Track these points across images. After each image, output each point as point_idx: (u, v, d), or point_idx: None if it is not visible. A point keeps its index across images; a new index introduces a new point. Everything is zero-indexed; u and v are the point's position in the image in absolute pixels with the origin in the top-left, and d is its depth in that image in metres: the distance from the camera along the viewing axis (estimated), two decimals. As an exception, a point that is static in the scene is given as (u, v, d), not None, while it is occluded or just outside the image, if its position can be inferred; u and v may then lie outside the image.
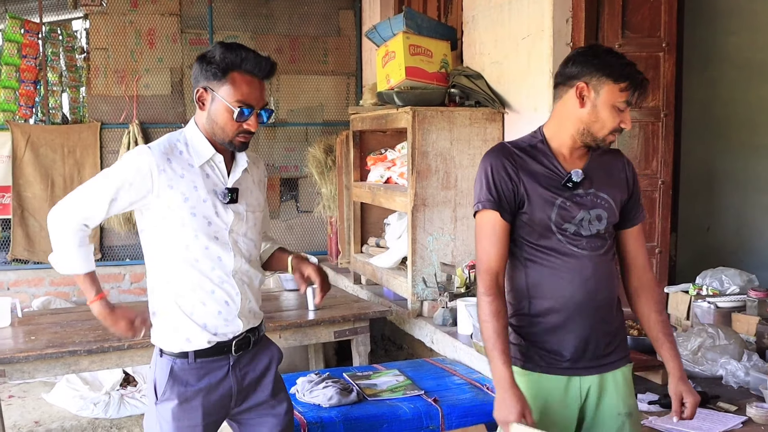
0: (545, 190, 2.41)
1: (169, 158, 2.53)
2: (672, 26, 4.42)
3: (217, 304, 2.60)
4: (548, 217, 2.40)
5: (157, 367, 2.66)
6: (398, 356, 5.96)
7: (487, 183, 2.40)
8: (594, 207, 2.44)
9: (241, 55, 2.48)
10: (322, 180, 7.09)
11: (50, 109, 7.00)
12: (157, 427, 2.64)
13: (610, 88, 2.34)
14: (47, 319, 4.73)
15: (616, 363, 2.49)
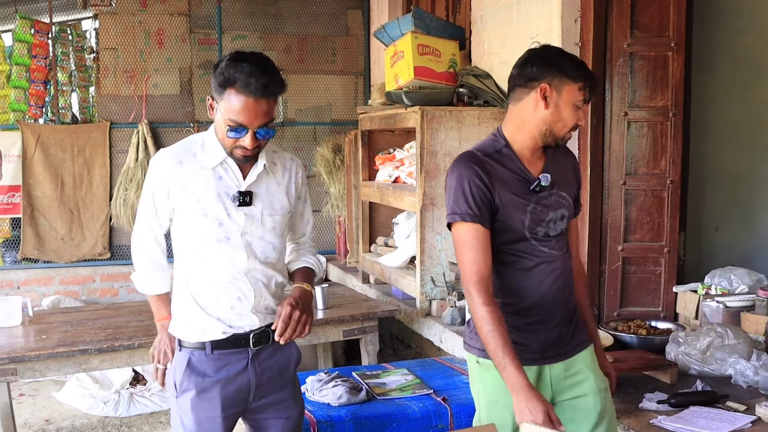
0: (516, 197, 2.46)
1: (180, 161, 2.60)
2: (681, 26, 4.41)
3: (229, 299, 2.64)
4: (521, 222, 2.46)
5: (176, 360, 2.73)
6: (406, 355, 5.98)
7: (464, 195, 2.41)
8: (558, 207, 2.53)
9: (239, 70, 2.42)
10: (331, 179, 7.11)
11: (60, 108, 7.03)
12: (178, 420, 2.69)
13: (570, 87, 2.41)
14: (58, 318, 4.76)
15: (580, 346, 2.60)
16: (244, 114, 2.45)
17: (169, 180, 2.60)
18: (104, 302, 6.90)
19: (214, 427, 2.67)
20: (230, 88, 2.44)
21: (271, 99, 2.48)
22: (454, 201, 2.43)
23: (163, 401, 5.39)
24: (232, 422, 2.74)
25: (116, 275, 7.13)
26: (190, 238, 2.64)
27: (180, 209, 2.62)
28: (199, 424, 2.66)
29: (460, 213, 2.41)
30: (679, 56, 4.42)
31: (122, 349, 4.15)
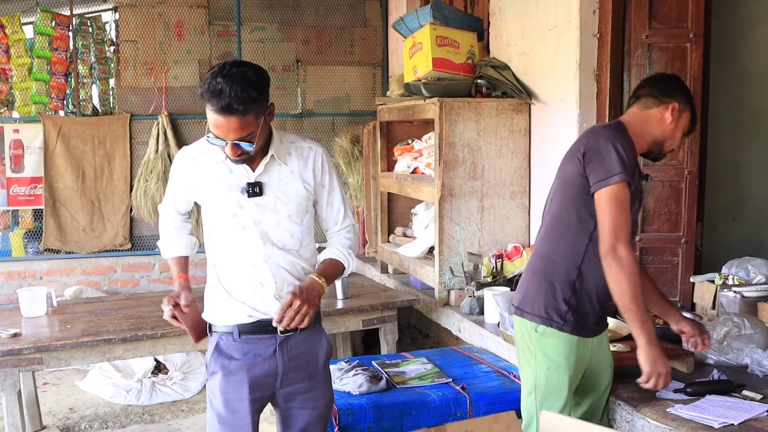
0: (638, 182, 2.79)
1: (195, 157, 2.78)
2: (699, 17, 4.42)
3: (252, 284, 2.75)
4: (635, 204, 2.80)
5: (208, 345, 2.87)
6: (424, 345, 6.02)
7: (621, 157, 2.66)
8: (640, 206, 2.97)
9: (210, 88, 2.49)
10: (349, 170, 7.15)
11: (81, 101, 7.10)
12: (209, 402, 2.82)
13: (688, 115, 2.88)
14: (81, 308, 4.83)
15: (605, 326, 3.05)
16: (218, 129, 2.56)
17: (187, 175, 2.81)
18: (125, 292, 6.98)
19: (242, 409, 2.75)
20: (206, 102, 2.54)
21: (241, 116, 2.52)
22: (612, 163, 2.67)
23: (185, 390, 5.47)
24: (260, 406, 2.82)
25: (137, 266, 7.21)
26: (212, 227, 2.79)
27: (200, 202, 2.82)
28: (227, 405, 2.75)
29: (619, 173, 2.65)
30: (698, 48, 4.42)
31: (145, 338, 4.21)
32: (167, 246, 3.04)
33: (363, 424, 3.56)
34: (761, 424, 2.87)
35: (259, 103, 2.55)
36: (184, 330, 2.86)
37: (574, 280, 2.83)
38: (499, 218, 5.03)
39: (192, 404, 5.35)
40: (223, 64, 2.55)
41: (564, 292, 2.84)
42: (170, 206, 2.99)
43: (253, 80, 2.54)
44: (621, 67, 4.45)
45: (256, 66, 2.61)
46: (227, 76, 2.49)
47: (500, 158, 4.98)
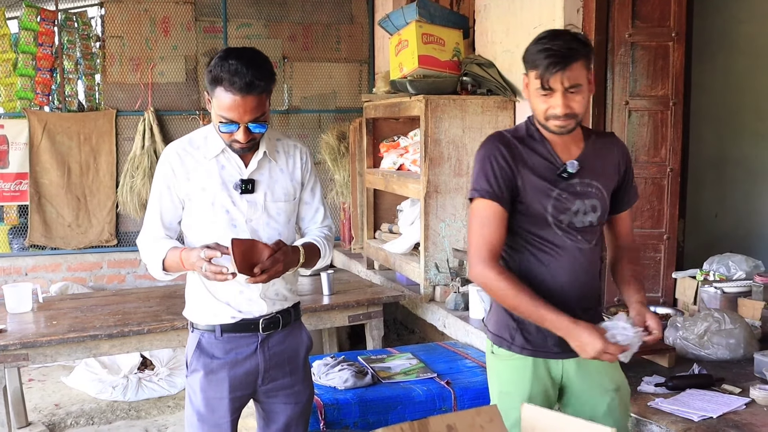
0: (541, 181, 2.45)
1: (184, 153, 2.72)
2: (681, 16, 4.47)
3: (238, 284, 2.71)
4: (544, 208, 2.46)
5: (188, 341, 2.84)
6: (410, 340, 6.06)
7: (485, 173, 2.43)
8: (588, 197, 2.49)
9: (225, 68, 2.50)
10: (335, 166, 7.17)
11: (66, 96, 7.08)
12: (188, 399, 2.81)
13: (531, 75, 2.40)
14: (67, 304, 4.84)
15: None
16: (233, 111, 2.54)
17: (176, 171, 2.70)
18: (111, 288, 6.98)
19: (221, 407, 2.76)
20: (219, 85, 2.53)
21: (259, 94, 2.55)
22: (476, 178, 2.46)
23: (171, 386, 5.49)
24: (240, 404, 2.83)
25: (123, 262, 7.21)
26: (198, 226, 2.73)
27: (188, 199, 2.72)
28: (207, 403, 2.76)
29: (479, 189, 2.44)
30: (680, 46, 4.47)
31: (131, 334, 4.22)
32: (154, 252, 2.72)
33: (348, 418, 3.59)
34: (739, 417, 2.93)
35: (272, 82, 2.60)
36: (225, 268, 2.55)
37: None
38: (484, 215, 5.05)
39: (178, 400, 5.36)
40: (227, 50, 2.59)
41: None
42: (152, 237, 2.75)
43: (264, 59, 2.60)
44: (604, 66, 4.49)
45: (257, 49, 2.64)
46: (240, 57, 2.52)
47: (485, 155, 5.01)
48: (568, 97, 2.36)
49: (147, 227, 2.77)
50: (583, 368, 2.56)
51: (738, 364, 3.55)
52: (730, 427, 2.85)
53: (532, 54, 2.37)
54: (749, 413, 2.97)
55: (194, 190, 2.70)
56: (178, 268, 2.69)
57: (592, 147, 2.54)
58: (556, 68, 2.32)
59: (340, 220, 7.25)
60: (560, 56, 2.32)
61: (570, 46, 2.35)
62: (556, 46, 2.33)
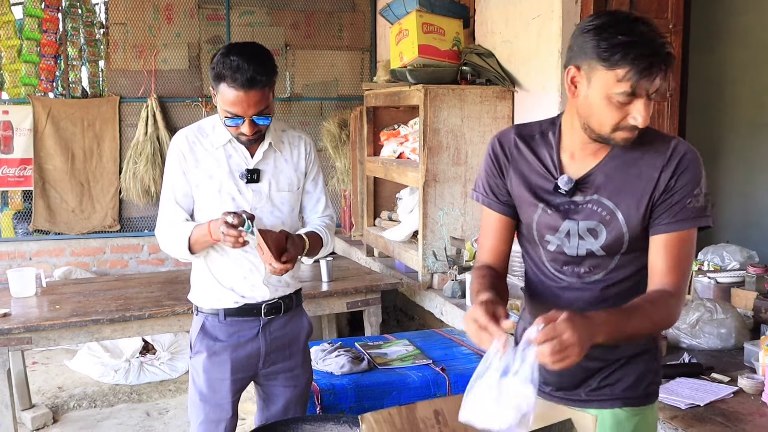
0: (527, 191, 2.06)
1: (193, 141, 2.78)
2: (679, 7, 4.51)
3: (242, 270, 2.81)
4: (530, 222, 2.08)
5: (193, 324, 2.93)
6: (410, 326, 6.12)
7: (481, 173, 2.16)
8: (588, 218, 1.99)
9: (227, 65, 2.56)
10: (336, 154, 7.22)
11: (70, 83, 7.12)
12: (191, 379, 2.91)
13: (601, 74, 1.81)
14: (70, 288, 4.89)
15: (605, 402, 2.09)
16: (237, 105, 2.61)
17: (186, 157, 2.77)
18: (114, 273, 7.05)
19: (223, 388, 2.85)
20: (222, 81, 2.60)
21: (261, 89, 2.61)
22: (477, 178, 2.19)
23: (172, 370, 5.56)
24: (241, 386, 2.92)
25: (126, 247, 7.27)
26: (204, 212, 2.80)
27: (195, 185, 2.78)
28: (209, 384, 2.85)
29: (475, 191, 2.18)
30: (677, 38, 4.51)
31: (133, 319, 4.28)
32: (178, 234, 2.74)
33: (344, 403, 3.66)
34: (726, 405, 2.98)
35: (274, 75, 2.66)
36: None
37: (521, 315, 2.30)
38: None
39: (179, 384, 5.43)
40: (229, 46, 2.66)
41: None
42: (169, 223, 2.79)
43: (265, 54, 2.66)
44: (602, 57, 4.52)
45: (258, 44, 2.71)
46: (241, 53, 2.59)
47: (483, 144, 5.06)
48: (649, 105, 1.84)
49: (165, 214, 2.81)
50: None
51: (729, 354, 3.59)
52: (717, 415, 2.90)
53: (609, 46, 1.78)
54: (736, 402, 3.02)
55: (202, 178, 2.77)
56: (205, 243, 2.72)
57: (616, 157, 1.98)
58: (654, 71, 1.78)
59: (341, 207, 7.31)
60: (660, 56, 1.78)
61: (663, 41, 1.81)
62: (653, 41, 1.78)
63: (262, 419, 3.03)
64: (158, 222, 2.85)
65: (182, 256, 2.79)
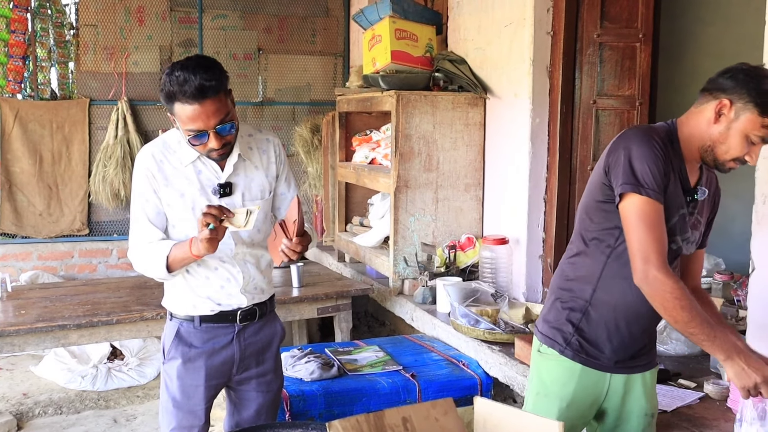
0: (682, 193, 2.33)
1: (160, 159, 2.72)
2: (649, 17, 4.54)
3: (219, 279, 2.79)
4: (672, 222, 2.31)
5: (166, 329, 2.90)
6: (381, 332, 6.12)
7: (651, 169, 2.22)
8: (696, 228, 2.39)
9: (174, 82, 2.49)
10: (308, 159, 7.20)
11: (39, 84, 7.04)
12: (164, 385, 2.88)
13: (751, 117, 2.20)
14: (36, 293, 4.84)
15: (646, 366, 2.50)
16: (197, 120, 2.53)
17: (156, 175, 2.70)
18: (82, 278, 6.97)
19: (197, 395, 2.83)
20: (174, 101, 2.52)
21: (215, 96, 2.53)
22: (640, 173, 2.22)
23: (140, 376, 5.51)
24: (215, 392, 2.91)
25: (95, 251, 7.20)
26: (179, 229, 2.76)
27: (167, 204, 2.73)
28: (183, 390, 2.82)
29: (646, 188, 2.22)
30: (647, 47, 4.55)
31: (101, 324, 4.24)
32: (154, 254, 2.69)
33: (314, 410, 3.65)
34: (692, 411, 3.01)
35: (225, 80, 2.58)
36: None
37: (587, 302, 2.44)
38: (454, 210, 5.13)
39: (148, 390, 5.38)
40: (172, 65, 2.56)
41: (574, 314, 2.46)
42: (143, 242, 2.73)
43: (210, 62, 2.59)
44: (573, 65, 4.56)
45: (202, 55, 2.66)
46: (184, 67, 2.52)
47: (455, 151, 5.08)
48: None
49: (138, 235, 2.75)
50: (629, 387, 2.48)
51: (695, 359, 3.64)
52: (683, 420, 2.93)
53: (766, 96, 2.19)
54: (702, 407, 3.06)
55: (173, 196, 2.72)
56: (184, 260, 2.67)
57: (706, 177, 2.42)
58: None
59: (312, 212, 7.29)
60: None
61: None
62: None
63: (232, 424, 3.01)
64: (131, 243, 2.78)
65: (159, 275, 2.72)
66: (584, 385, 2.45)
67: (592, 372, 2.44)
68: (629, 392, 2.48)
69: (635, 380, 2.47)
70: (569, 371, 2.45)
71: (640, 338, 2.44)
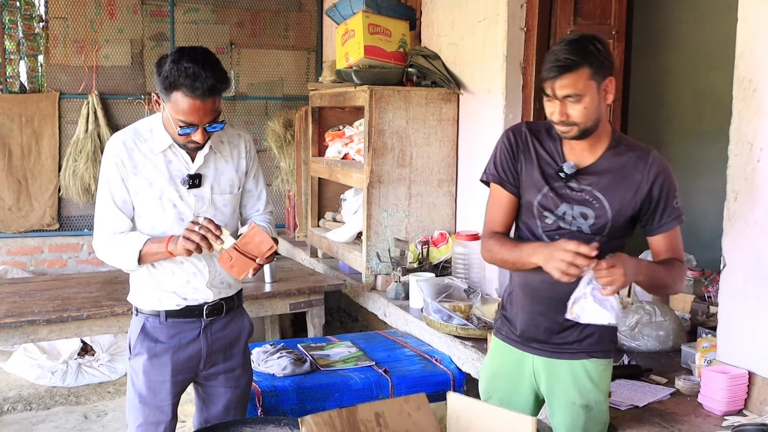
0: (538, 176, 2.50)
1: (131, 147, 2.70)
2: (622, 14, 4.56)
3: (185, 274, 2.77)
4: (532, 201, 2.52)
5: (132, 324, 2.87)
6: (354, 328, 6.11)
7: (492, 158, 2.59)
8: (581, 204, 2.45)
9: (184, 73, 2.48)
10: (281, 154, 7.18)
11: (8, 77, 6.95)
12: (130, 381, 2.86)
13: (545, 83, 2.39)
14: (5, 288, 4.78)
15: (574, 354, 2.54)
16: (193, 114, 2.54)
17: (125, 163, 2.68)
18: (52, 273, 6.90)
19: (163, 390, 2.81)
20: (176, 91, 2.51)
21: (219, 95, 2.57)
22: (487, 162, 2.61)
23: (111, 372, 5.46)
24: (181, 388, 2.89)
25: (65, 246, 7.12)
26: (145, 219, 2.74)
27: (134, 193, 2.70)
28: (149, 386, 2.80)
29: (484, 173, 2.61)
30: (620, 44, 4.57)
31: (71, 320, 4.19)
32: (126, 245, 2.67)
33: (286, 405, 3.63)
34: (663, 406, 3.03)
35: (229, 82, 2.60)
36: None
37: (511, 284, 2.68)
38: (427, 205, 5.12)
39: (119, 386, 5.34)
40: (179, 52, 2.54)
41: (504, 296, 2.73)
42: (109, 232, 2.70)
43: (217, 60, 2.59)
44: (546, 61, 4.56)
45: (206, 48, 2.63)
46: (195, 60, 2.50)
47: (428, 146, 5.07)
48: (565, 105, 2.35)
49: (105, 222, 2.71)
50: (553, 373, 2.57)
51: (666, 356, 3.66)
52: (654, 416, 2.95)
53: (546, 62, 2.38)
54: (673, 403, 3.08)
55: (141, 185, 2.70)
56: (157, 256, 2.66)
57: (611, 158, 2.47)
58: (550, 76, 2.34)
59: (285, 207, 7.27)
60: (557, 64, 2.32)
61: (570, 55, 2.32)
62: (560, 54, 2.33)
63: (201, 420, 3.00)
64: (97, 230, 2.74)
65: (127, 266, 2.71)
66: (505, 361, 2.66)
67: (511, 349, 2.64)
68: (554, 378, 2.57)
69: (559, 367, 2.56)
70: (494, 347, 2.72)
71: (545, 321, 2.55)
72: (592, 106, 2.36)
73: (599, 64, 2.36)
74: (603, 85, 2.39)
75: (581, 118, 2.35)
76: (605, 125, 2.47)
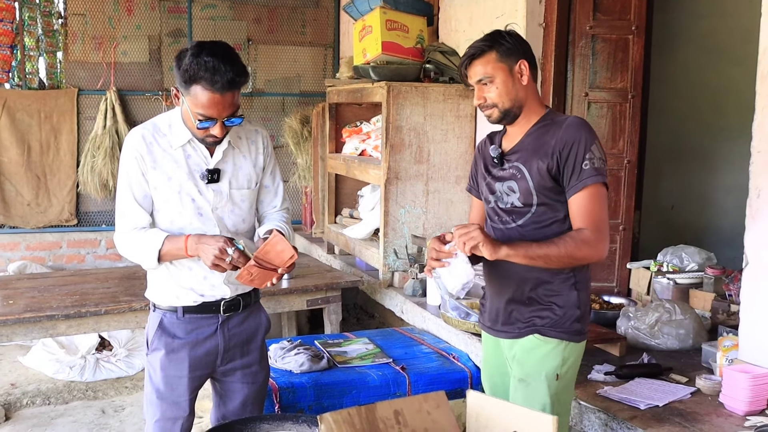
0: (482, 168, 2.72)
1: (150, 141, 2.70)
2: (642, 10, 4.53)
3: (202, 270, 2.75)
4: (482, 192, 2.74)
5: (149, 320, 2.87)
6: (370, 325, 6.10)
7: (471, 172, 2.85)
8: (506, 179, 2.60)
9: (204, 66, 2.48)
10: (298, 150, 7.17)
11: (27, 74, 6.98)
12: (147, 376, 2.85)
13: None
14: (24, 283, 4.80)
15: (523, 330, 2.60)
16: (212, 108, 2.54)
17: (144, 158, 2.69)
18: (71, 268, 6.93)
19: (180, 386, 2.81)
20: (196, 84, 2.51)
21: (238, 89, 2.57)
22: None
23: (129, 367, 5.47)
24: (199, 383, 2.88)
25: (83, 241, 7.15)
26: (163, 213, 2.74)
27: (153, 187, 2.71)
28: (167, 382, 2.80)
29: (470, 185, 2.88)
30: (640, 40, 4.54)
31: (89, 315, 4.21)
32: (145, 242, 2.68)
33: (303, 402, 3.63)
34: (684, 405, 3.00)
35: (248, 76, 2.61)
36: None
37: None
38: (444, 202, 5.11)
39: (136, 381, 5.35)
40: (199, 46, 2.55)
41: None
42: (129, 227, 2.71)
43: (236, 54, 2.59)
44: (565, 57, 4.55)
45: (225, 42, 2.63)
46: (213, 54, 2.51)
47: (446, 143, 5.05)
48: (481, 89, 2.55)
49: (126, 217, 2.72)
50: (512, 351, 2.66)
51: (687, 354, 3.64)
52: (675, 415, 2.92)
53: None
54: (694, 402, 3.05)
55: (161, 179, 2.70)
56: (176, 255, 2.68)
57: (534, 133, 2.57)
58: (463, 65, 2.57)
59: (302, 204, 7.26)
60: (467, 54, 2.56)
61: (477, 44, 2.54)
62: (471, 47, 2.56)
63: (218, 416, 2.99)
64: (118, 226, 2.74)
65: (147, 264, 2.72)
66: (487, 348, 2.81)
67: (489, 336, 2.77)
68: (512, 358, 2.66)
69: (515, 346, 2.64)
70: (482, 337, 2.85)
71: (497, 301, 2.67)
72: (505, 88, 2.52)
73: (506, 49, 2.52)
74: (515, 67, 2.53)
75: (497, 98, 2.52)
76: (535, 107, 2.59)
